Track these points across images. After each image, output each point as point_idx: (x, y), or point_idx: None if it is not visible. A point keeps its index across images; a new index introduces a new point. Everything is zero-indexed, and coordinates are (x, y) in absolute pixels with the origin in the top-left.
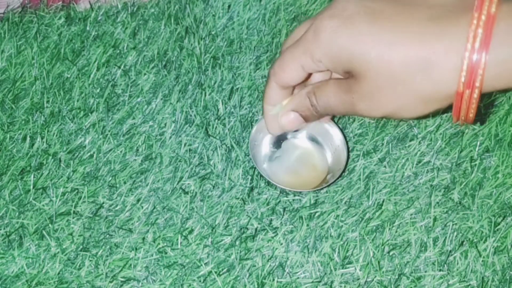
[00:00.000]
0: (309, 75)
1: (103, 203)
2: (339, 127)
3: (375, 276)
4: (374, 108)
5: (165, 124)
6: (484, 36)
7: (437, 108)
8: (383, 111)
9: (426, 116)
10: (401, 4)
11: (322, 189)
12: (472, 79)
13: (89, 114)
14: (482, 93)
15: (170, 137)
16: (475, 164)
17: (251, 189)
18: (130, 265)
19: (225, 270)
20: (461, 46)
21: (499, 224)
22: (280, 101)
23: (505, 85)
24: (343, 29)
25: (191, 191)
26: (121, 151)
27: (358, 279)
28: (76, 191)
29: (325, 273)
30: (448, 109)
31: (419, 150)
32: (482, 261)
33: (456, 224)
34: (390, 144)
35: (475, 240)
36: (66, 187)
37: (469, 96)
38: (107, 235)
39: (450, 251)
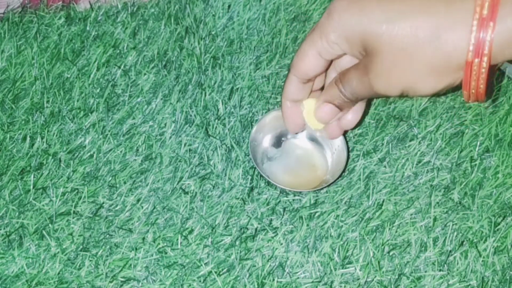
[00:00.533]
0: (329, 65)
1: (103, 203)
2: None
3: (375, 276)
4: (390, 84)
5: (165, 124)
6: (491, 4)
7: (449, 82)
8: (399, 87)
9: (442, 94)
10: None
11: (322, 189)
12: (481, 48)
13: (89, 114)
14: (491, 65)
15: (170, 137)
16: (475, 164)
17: (251, 189)
18: (130, 265)
19: (225, 270)
20: (468, 16)
21: (499, 224)
22: (299, 97)
23: None
24: (353, 7)
25: (191, 191)
26: (121, 151)
27: (358, 279)
28: (76, 191)
29: (325, 273)
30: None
31: (419, 150)
32: (482, 261)
33: (456, 224)
34: (390, 144)
35: (475, 240)
36: (66, 187)
37: (478, 66)
38: (107, 235)
39: (450, 251)
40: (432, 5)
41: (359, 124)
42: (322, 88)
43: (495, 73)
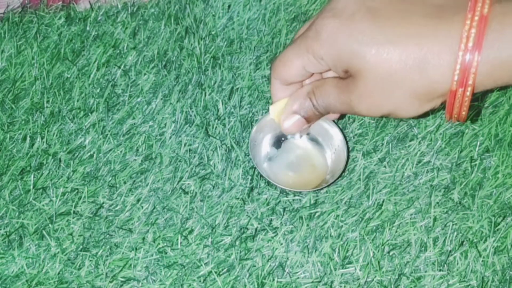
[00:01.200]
0: (310, 75)
1: (103, 203)
2: (339, 127)
3: (375, 276)
4: (372, 107)
5: (165, 124)
6: (477, 36)
7: (432, 106)
8: (382, 111)
9: (422, 116)
10: (400, 2)
11: (322, 189)
12: (465, 78)
13: (89, 114)
14: (474, 92)
15: (170, 137)
16: (475, 164)
17: (251, 189)
18: (130, 265)
19: (225, 270)
20: (455, 45)
21: (499, 224)
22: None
23: (495, 84)
24: (344, 29)
25: (191, 191)
26: (121, 151)
27: (358, 279)
28: (76, 191)
29: (325, 273)
30: (443, 108)
31: (419, 150)
32: (482, 261)
33: (456, 224)
34: (390, 144)
35: (475, 240)
36: (66, 187)
37: (462, 95)
38: (107, 235)
39: (450, 251)
40: (420, 32)
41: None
42: None
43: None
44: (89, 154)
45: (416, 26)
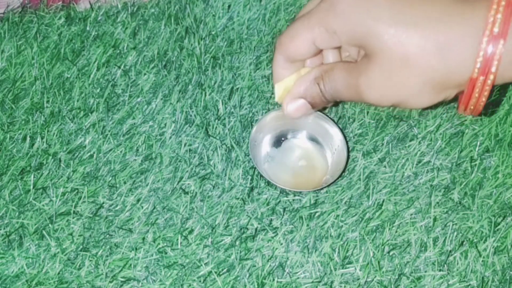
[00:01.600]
0: (318, 52)
1: (103, 203)
2: (339, 127)
3: (375, 276)
4: (383, 93)
5: (165, 124)
6: (503, 22)
7: (444, 97)
8: (392, 99)
9: (431, 108)
10: None
11: (322, 189)
12: (488, 65)
13: (89, 114)
14: (493, 85)
15: (170, 137)
16: (475, 164)
17: (251, 189)
18: (130, 265)
19: (225, 270)
20: (479, 31)
21: (499, 224)
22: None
23: None
24: (362, 3)
25: (191, 191)
26: (121, 151)
27: (358, 279)
28: (76, 191)
29: (325, 273)
30: (446, 105)
31: (419, 150)
32: (482, 261)
33: (456, 224)
34: (390, 144)
35: (475, 240)
36: (66, 187)
37: (482, 83)
38: (107, 235)
39: (450, 251)
40: (442, 16)
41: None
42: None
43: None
44: (89, 154)
45: (439, 9)
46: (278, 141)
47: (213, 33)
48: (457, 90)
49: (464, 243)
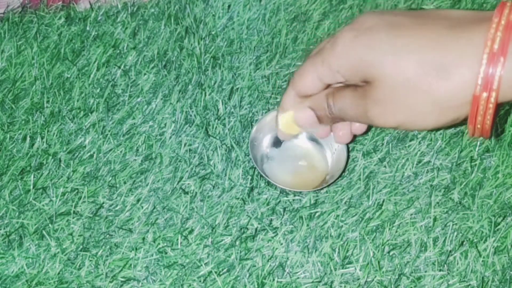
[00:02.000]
0: (327, 86)
1: (103, 203)
2: None
3: (375, 276)
4: (387, 115)
5: (165, 124)
6: (503, 39)
7: (453, 117)
8: (396, 119)
9: (443, 128)
10: (420, 17)
11: (322, 189)
12: (489, 82)
13: (89, 114)
14: (498, 103)
15: (170, 137)
16: (475, 164)
17: (251, 189)
18: (130, 265)
19: (225, 270)
20: (478, 49)
21: (499, 224)
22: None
23: None
24: (360, 39)
25: (191, 191)
26: (121, 151)
27: (358, 279)
28: (76, 191)
29: (325, 273)
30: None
31: (419, 150)
32: (482, 261)
33: (456, 224)
34: (390, 144)
35: (475, 240)
36: (66, 187)
37: (486, 101)
38: (107, 235)
39: (450, 251)
40: (440, 38)
41: (366, 132)
42: None
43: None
44: (89, 154)
45: (436, 34)
46: (278, 141)
47: (213, 33)
48: (465, 110)
49: (464, 243)
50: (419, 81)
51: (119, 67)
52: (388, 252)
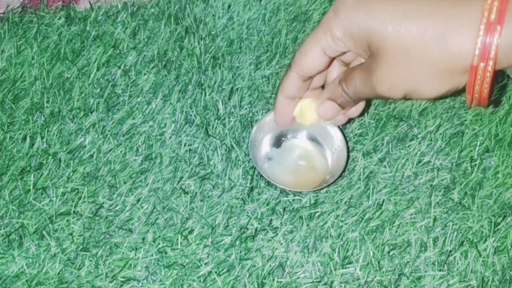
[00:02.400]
0: (331, 62)
1: (103, 203)
2: (339, 127)
3: (375, 276)
4: (393, 87)
5: (165, 124)
6: (500, 9)
7: (454, 85)
8: (402, 90)
9: (446, 96)
10: None
11: (322, 189)
12: (487, 52)
13: (89, 114)
14: (496, 70)
15: (170, 137)
16: (475, 164)
17: (251, 189)
18: (130, 265)
19: (225, 270)
20: (475, 19)
21: (499, 224)
22: (296, 94)
23: (510, 63)
24: (360, 6)
25: (191, 191)
26: (121, 151)
27: (358, 279)
28: (76, 191)
29: (325, 273)
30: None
31: (419, 150)
32: (482, 261)
33: (456, 224)
34: (390, 144)
35: (475, 240)
36: (66, 187)
37: (483, 70)
38: (107, 235)
39: (450, 251)
40: (439, 8)
41: (362, 114)
42: (322, 87)
43: (498, 77)
44: (89, 154)
45: (435, 4)
46: (278, 141)
47: (213, 33)
48: (465, 77)
49: (464, 243)
50: (420, 51)
51: (119, 67)
52: (388, 252)
